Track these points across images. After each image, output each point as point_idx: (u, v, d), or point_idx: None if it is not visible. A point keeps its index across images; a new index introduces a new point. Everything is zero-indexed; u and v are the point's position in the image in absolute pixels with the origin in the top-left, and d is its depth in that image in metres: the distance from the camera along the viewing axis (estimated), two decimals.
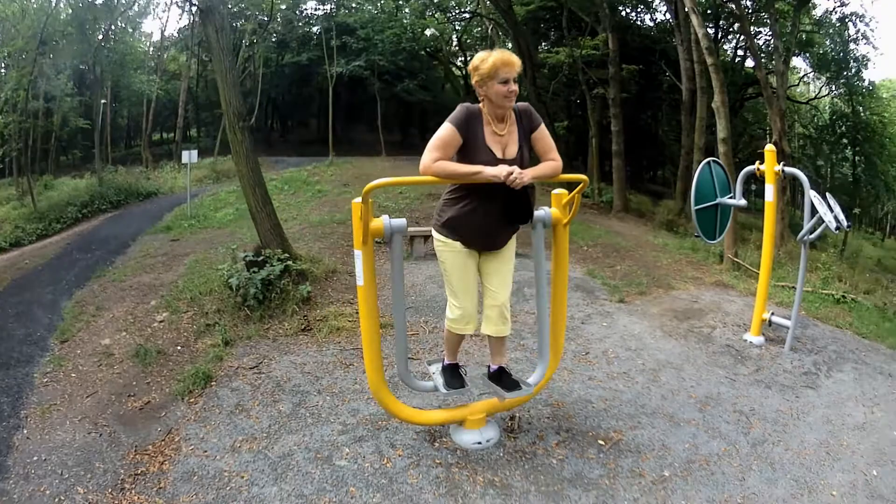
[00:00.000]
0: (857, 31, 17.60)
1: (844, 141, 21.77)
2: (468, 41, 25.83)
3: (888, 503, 2.51)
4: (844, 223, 3.94)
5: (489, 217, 2.40)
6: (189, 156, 10.70)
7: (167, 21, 44.18)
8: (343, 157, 15.52)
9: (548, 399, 3.29)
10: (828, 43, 19.01)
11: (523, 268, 4.07)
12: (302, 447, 2.80)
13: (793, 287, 6.40)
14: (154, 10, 21.33)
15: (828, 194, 4.04)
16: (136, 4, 18.49)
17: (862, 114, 20.83)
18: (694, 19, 9.25)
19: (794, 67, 18.53)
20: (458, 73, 26.37)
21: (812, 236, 4.21)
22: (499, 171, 2.20)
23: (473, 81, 2.34)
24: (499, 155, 2.34)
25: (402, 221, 2.49)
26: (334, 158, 15.30)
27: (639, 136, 18.61)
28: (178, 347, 4.15)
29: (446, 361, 2.83)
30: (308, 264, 5.57)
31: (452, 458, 2.67)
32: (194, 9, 20.16)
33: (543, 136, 2.44)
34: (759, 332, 4.55)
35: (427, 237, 6.72)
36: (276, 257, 5.06)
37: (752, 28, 17.56)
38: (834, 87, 20.65)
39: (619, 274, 6.58)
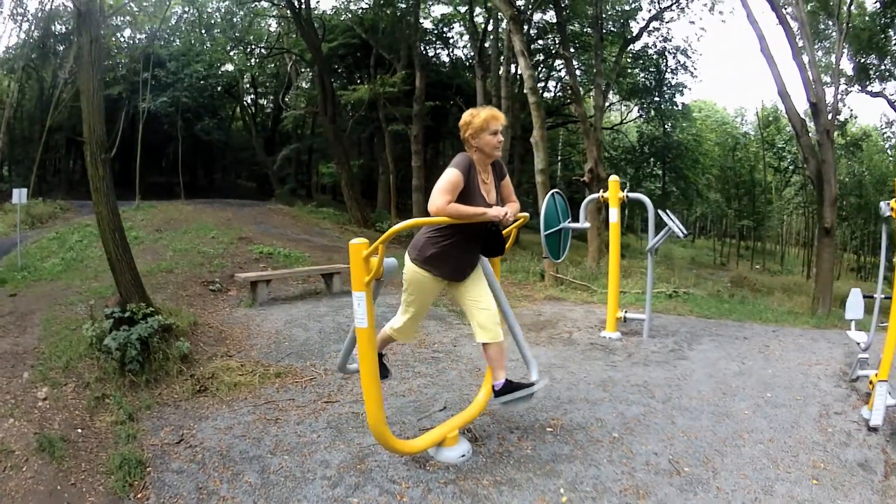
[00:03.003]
0: (678, 62, 22.61)
1: (652, 160, 27.61)
2: (261, 78, 26.58)
3: (789, 408, 3.91)
4: (685, 231, 5.65)
5: (468, 252, 3.12)
6: (20, 195, 9.65)
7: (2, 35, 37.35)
8: (146, 202, 15.24)
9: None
10: (640, 74, 23.98)
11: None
12: None
13: (623, 292, 8.42)
14: None
15: (668, 210, 5.71)
16: None
17: (673, 135, 26.88)
18: (521, 61, 11.35)
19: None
20: (250, 110, 27.57)
21: (657, 245, 5.87)
22: (498, 212, 2.92)
23: (466, 135, 2.98)
24: (487, 200, 3.04)
25: (393, 260, 2.97)
26: (140, 202, 14.93)
27: (425, 170, 21.58)
28: (79, 430, 3.69)
29: (498, 383, 3.19)
30: (173, 318, 5.44)
31: (451, 475, 3.12)
32: (21, 28, 17.59)
33: (508, 182, 3.24)
34: (616, 329, 5.94)
35: (269, 281, 7.43)
36: (142, 312, 4.90)
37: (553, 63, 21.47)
38: (643, 112, 26.17)
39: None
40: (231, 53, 22.47)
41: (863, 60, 18.19)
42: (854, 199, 27.95)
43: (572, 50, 20.52)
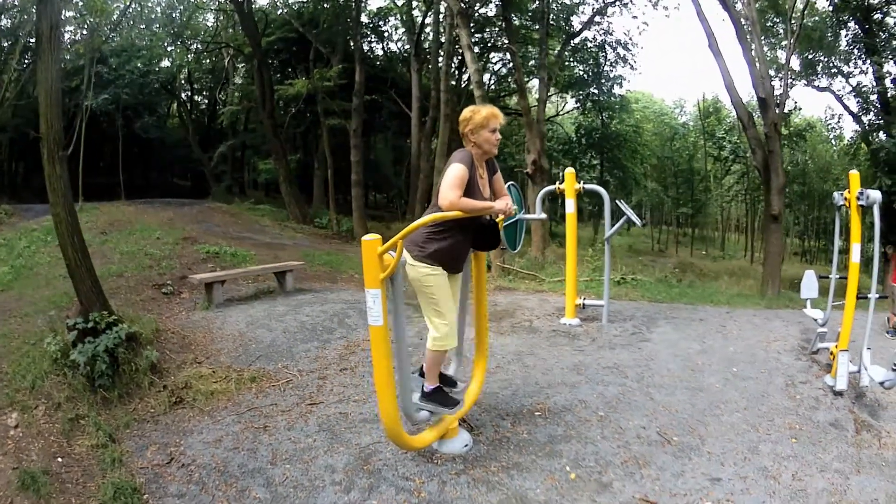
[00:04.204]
0: (618, 56, 22.67)
1: (590, 151, 27.83)
2: (196, 74, 25.74)
3: (756, 380, 4.27)
4: (641, 220, 5.98)
5: (466, 245, 3.20)
6: None
7: None
8: (88, 203, 14.47)
9: None
10: (578, 66, 23.78)
11: None
12: None
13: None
14: None
15: (622, 201, 6.02)
16: None
17: (611, 126, 26.86)
18: (468, 55, 11.45)
19: (532, 88, 22.80)
20: (186, 106, 26.79)
21: (613, 234, 6.18)
22: (503, 205, 3.01)
23: (466, 129, 3.04)
24: (483, 194, 3.12)
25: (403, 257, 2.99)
26: (83, 204, 14.01)
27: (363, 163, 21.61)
28: (59, 459, 3.41)
29: (430, 386, 3.25)
30: (135, 326, 5.17)
31: (459, 465, 3.19)
32: None
33: (499, 177, 3.33)
34: (575, 315, 6.14)
35: (223, 282, 7.17)
36: (105, 321, 4.61)
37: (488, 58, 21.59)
38: (580, 103, 26.06)
39: (406, 294, 7.77)
40: (168, 49, 21.53)
41: (810, 57, 18.93)
42: (798, 187, 29.05)
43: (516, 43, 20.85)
